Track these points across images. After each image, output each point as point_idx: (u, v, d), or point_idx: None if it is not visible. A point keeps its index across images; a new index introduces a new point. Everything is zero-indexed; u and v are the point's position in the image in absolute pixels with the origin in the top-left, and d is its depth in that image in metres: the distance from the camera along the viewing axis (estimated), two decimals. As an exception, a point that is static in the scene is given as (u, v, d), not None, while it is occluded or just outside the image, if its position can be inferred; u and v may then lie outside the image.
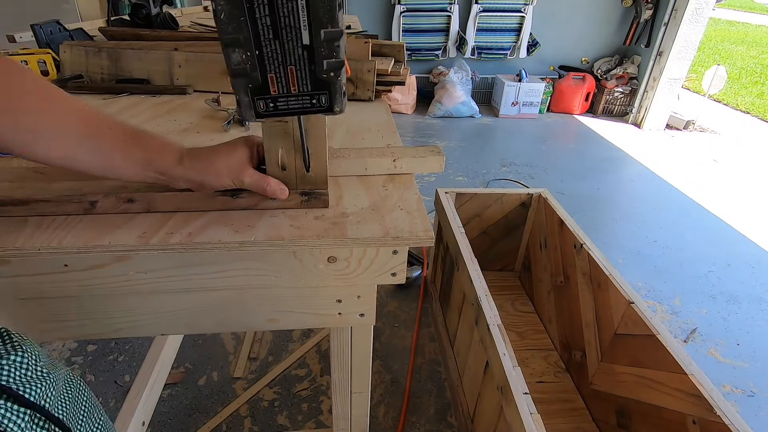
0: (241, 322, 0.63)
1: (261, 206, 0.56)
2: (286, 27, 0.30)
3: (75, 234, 0.50)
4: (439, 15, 3.83)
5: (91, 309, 0.58)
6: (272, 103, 0.34)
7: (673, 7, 3.58)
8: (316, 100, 0.35)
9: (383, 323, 1.65)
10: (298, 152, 0.53)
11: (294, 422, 1.29)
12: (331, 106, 0.36)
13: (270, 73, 0.32)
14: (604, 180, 2.93)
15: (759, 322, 1.76)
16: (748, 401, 1.43)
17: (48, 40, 1.13)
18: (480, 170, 2.95)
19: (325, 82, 0.34)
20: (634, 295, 1.14)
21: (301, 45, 0.31)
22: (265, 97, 0.33)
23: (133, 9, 1.35)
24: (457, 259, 1.30)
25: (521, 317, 1.67)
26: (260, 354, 1.51)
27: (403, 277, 0.59)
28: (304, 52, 0.32)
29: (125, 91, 0.97)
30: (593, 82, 4.04)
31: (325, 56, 0.32)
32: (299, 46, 0.31)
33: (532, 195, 1.65)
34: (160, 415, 1.28)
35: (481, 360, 1.09)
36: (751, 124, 4.46)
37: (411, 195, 0.61)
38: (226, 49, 0.30)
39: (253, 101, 0.34)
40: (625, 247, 2.19)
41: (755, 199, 2.79)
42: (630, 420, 1.13)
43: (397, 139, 0.80)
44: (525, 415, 0.84)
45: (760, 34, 11.05)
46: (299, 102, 0.35)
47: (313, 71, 0.33)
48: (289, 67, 0.32)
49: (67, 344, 1.51)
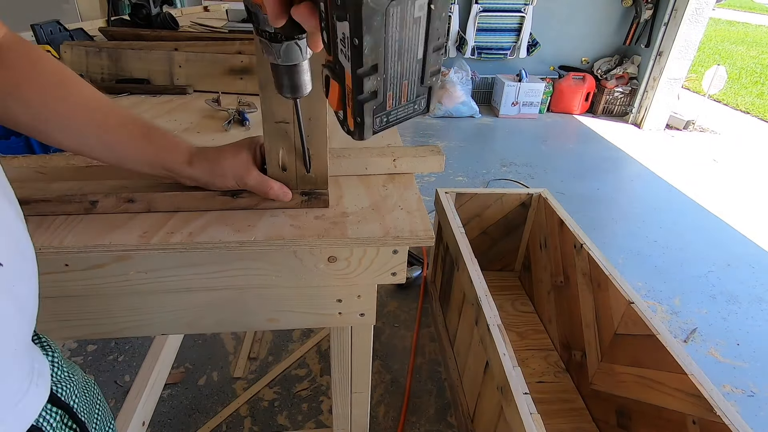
0: (241, 322, 0.63)
1: (261, 206, 0.56)
2: (408, 48, 0.31)
3: (75, 234, 0.50)
4: (439, 15, 3.83)
5: (92, 309, 0.58)
6: (386, 118, 0.35)
7: (673, 7, 3.58)
8: (418, 105, 0.36)
9: (383, 323, 1.65)
10: (298, 153, 0.53)
11: (294, 422, 1.29)
12: (428, 107, 0.37)
13: (389, 91, 0.33)
14: (604, 180, 2.93)
15: (759, 322, 1.76)
16: (748, 401, 1.43)
17: (48, 40, 1.13)
18: (480, 170, 2.95)
19: (427, 87, 0.35)
20: (634, 295, 1.14)
21: (416, 60, 0.32)
22: (382, 114, 0.34)
23: (133, 9, 1.35)
24: (457, 259, 1.31)
25: (521, 317, 1.67)
26: (260, 354, 1.51)
27: (403, 277, 0.59)
28: (417, 65, 0.33)
29: (125, 91, 0.97)
30: (593, 82, 4.04)
31: (432, 65, 0.33)
32: (415, 61, 0.32)
33: (532, 195, 1.65)
34: (160, 415, 1.28)
35: (481, 360, 1.09)
36: (751, 124, 4.46)
37: (411, 195, 0.61)
38: (359, 77, 0.31)
39: (373, 121, 0.34)
40: (625, 247, 2.19)
41: (755, 199, 2.79)
42: (630, 420, 1.13)
43: (397, 139, 0.80)
44: (525, 415, 0.84)
45: (760, 34, 11.06)
46: (405, 110, 0.36)
47: (421, 80, 0.34)
48: (404, 82, 0.33)
49: (67, 344, 1.51)
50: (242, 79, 0.98)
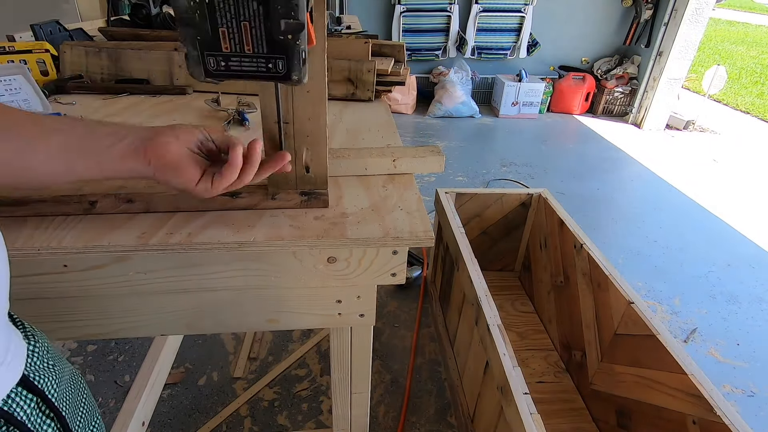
0: (241, 323, 0.63)
1: (261, 206, 0.56)
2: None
3: (74, 234, 0.50)
4: (439, 15, 3.83)
5: (91, 309, 0.58)
6: (224, 62, 0.32)
7: (673, 7, 3.58)
8: (272, 65, 0.33)
9: (383, 323, 1.65)
10: (298, 153, 0.53)
11: (294, 422, 1.29)
12: (289, 74, 0.33)
13: (221, 26, 0.30)
14: (604, 180, 2.93)
15: (759, 322, 1.76)
16: (748, 401, 1.43)
17: (48, 40, 1.13)
18: (480, 170, 2.95)
19: (282, 45, 0.31)
20: (634, 295, 1.14)
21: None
22: (216, 53, 0.31)
23: (133, 9, 1.35)
24: (457, 259, 1.30)
25: (521, 317, 1.67)
26: (260, 354, 1.51)
27: (403, 278, 0.59)
28: (258, 6, 0.29)
29: (125, 91, 0.97)
30: (593, 82, 4.04)
31: (282, 15, 0.30)
32: (255, 1, 0.29)
33: (532, 195, 1.65)
34: (160, 415, 1.28)
35: (481, 360, 1.09)
36: (751, 124, 4.46)
37: (411, 195, 0.61)
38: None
39: (203, 56, 0.32)
40: (625, 247, 2.19)
41: (755, 199, 2.79)
42: (630, 420, 1.13)
43: (397, 139, 0.80)
44: (525, 415, 0.84)
45: (760, 34, 11.05)
46: (254, 64, 0.32)
47: (269, 30, 0.30)
48: (243, 23, 0.30)
49: (67, 344, 1.51)
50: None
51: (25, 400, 0.37)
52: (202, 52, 0.31)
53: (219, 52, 0.31)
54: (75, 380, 0.46)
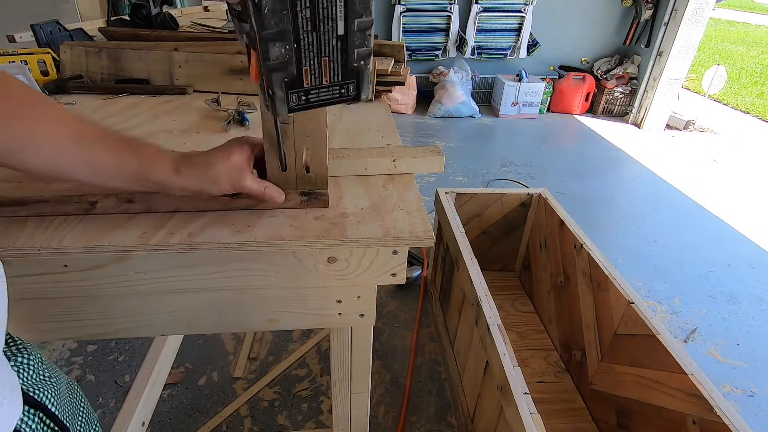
0: (240, 323, 0.63)
1: (261, 206, 0.56)
2: (324, 18, 0.30)
3: (75, 234, 0.50)
4: (439, 15, 3.83)
5: (91, 309, 0.58)
6: (304, 96, 0.34)
7: (673, 7, 3.58)
8: (345, 90, 0.35)
9: (383, 323, 1.65)
10: (298, 153, 0.53)
11: (294, 422, 1.29)
12: (359, 95, 0.36)
13: (305, 65, 0.32)
14: (604, 180, 2.93)
15: (759, 322, 1.76)
16: (748, 401, 1.43)
17: (48, 40, 1.13)
18: (480, 170, 2.95)
19: (355, 71, 0.34)
20: (634, 295, 1.14)
21: (336, 36, 0.32)
22: (299, 90, 0.33)
23: (133, 9, 1.35)
24: (457, 259, 1.30)
25: (521, 317, 1.67)
26: (260, 354, 1.51)
27: (403, 278, 0.59)
28: (338, 42, 0.32)
29: (125, 91, 0.97)
30: (593, 82, 4.04)
31: (357, 45, 0.32)
32: (334, 36, 0.32)
33: (532, 195, 1.65)
34: (160, 415, 1.28)
35: (481, 360, 1.09)
36: (751, 124, 4.46)
37: (411, 195, 0.61)
38: (265, 43, 0.30)
39: (287, 96, 0.33)
40: (625, 247, 2.19)
41: (755, 199, 2.79)
42: (630, 420, 1.13)
43: (397, 139, 0.80)
44: (525, 415, 0.84)
45: (760, 34, 11.05)
46: (329, 93, 0.35)
47: (344, 61, 0.33)
48: (324, 59, 0.32)
49: (67, 344, 1.51)
50: (242, 80, 0.98)
51: (29, 416, 0.37)
52: (287, 91, 0.33)
53: (301, 88, 0.33)
54: (71, 389, 0.46)
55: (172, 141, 0.75)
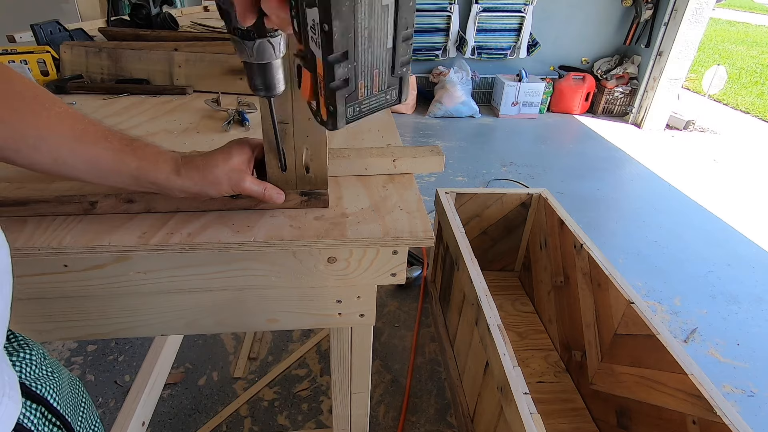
0: (240, 323, 0.63)
1: (261, 206, 0.56)
2: (378, 36, 0.32)
3: (75, 234, 0.50)
4: (439, 15, 3.83)
5: (91, 309, 0.58)
6: (358, 107, 0.36)
7: (673, 7, 3.58)
8: (389, 96, 0.37)
9: (383, 323, 1.65)
10: (298, 153, 0.53)
11: (294, 422, 1.29)
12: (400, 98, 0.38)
13: (361, 80, 0.34)
14: (604, 180, 2.93)
15: (759, 322, 1.76)
16: (748, 401, 1.43)
17: (48, 40, 1.13)
18: (480, 170, 2.95)
19: (398, 77, 0.36)
20: (634, 295, 1.14)
21: (386, 49, 0.33)
22: (354, 102, 0.35)
23: (133, 9, 1.35)
24: (457, 259, 1.30)
25: (521, 317, 1.67)
26: (260, 354, 1.51)
27: (403, 278, 0.59)
28: (386, 54, 0.34)
29: (125, 91, 0.97)
30: (593, 82, 4.04)
31: (402, 55, 0.34)
32: (384, 50, 0.33)
33: (532, 195, 1.65)
34: (160, 415, 1.28)
35: (481, 360, 1.09)
36: (751, 124, 4.46)
37: (411, 195, 0.61)
38: (331, 65, 0.31)
39: (346, 110, 0.35)
40: (625, 247, 2.19)
41: (755, 199, 2.79)
42: (630, 420, 1.13)
43: (397, 139, 0.80)
44: (525, 415, 0.84)
45: (760, 34, 11.05)
46: (377, 100, 0.37)
47: (391, 70, 0.35)
48: (375, 71, 0.34)
49: (67, 344, 1.51)
50: (242, 80, 0.98)
51: (30, 409, 0.37)
52: (345, 106, 0.35)
53: (356, 101, 0.35)
54: (74, 385, 0.47)
55: (172, 141, 0.75)
